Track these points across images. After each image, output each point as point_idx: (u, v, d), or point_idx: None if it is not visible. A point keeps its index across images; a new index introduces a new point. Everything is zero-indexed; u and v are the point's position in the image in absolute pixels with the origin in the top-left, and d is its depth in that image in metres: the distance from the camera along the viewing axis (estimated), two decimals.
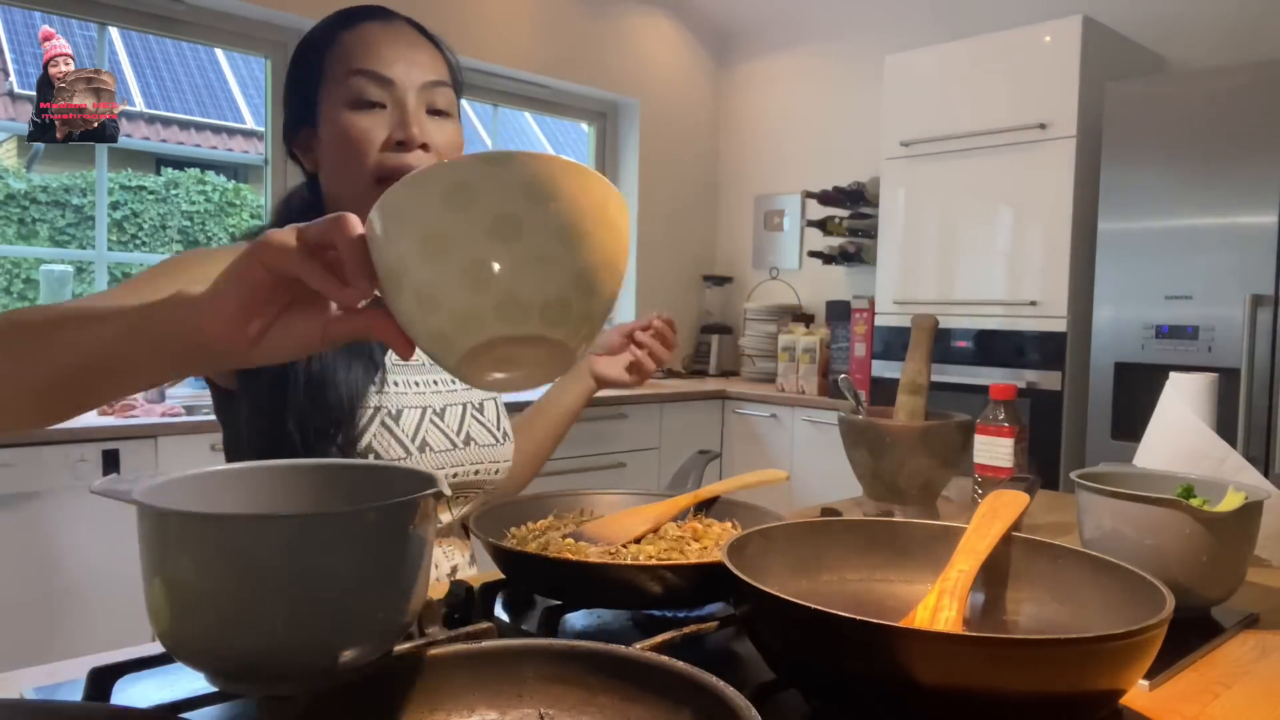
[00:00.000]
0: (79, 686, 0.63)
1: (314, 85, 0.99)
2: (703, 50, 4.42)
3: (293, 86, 1.03)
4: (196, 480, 0.69)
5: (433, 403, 1.04)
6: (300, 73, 1.02)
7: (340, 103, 0.96)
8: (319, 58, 0.99)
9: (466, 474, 1.06)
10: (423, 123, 0.97)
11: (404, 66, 0.97)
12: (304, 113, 1.01)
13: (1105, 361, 2.62)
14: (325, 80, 0.98)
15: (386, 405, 0.99)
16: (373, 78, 0.96)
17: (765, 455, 3.50)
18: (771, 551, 0.76)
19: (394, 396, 1.01)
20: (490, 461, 1.09)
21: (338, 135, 0.96)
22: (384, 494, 0.62)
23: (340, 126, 0.96)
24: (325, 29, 1.01)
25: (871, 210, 3.58)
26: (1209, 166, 2.42)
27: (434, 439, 1.02)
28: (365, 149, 0.95)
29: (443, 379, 1.08)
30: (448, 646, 0.53)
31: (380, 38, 0.98)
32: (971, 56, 2.98)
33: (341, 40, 0.98)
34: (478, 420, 1.09)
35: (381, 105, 0.96)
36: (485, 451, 1.08)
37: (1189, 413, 1.14)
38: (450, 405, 1.06)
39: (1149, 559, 0.79)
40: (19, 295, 5.62)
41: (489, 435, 1.09)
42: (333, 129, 0.97)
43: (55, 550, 2.23)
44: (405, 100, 0.96)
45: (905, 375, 1.31)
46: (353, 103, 0.96)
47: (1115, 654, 0.55)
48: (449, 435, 1.04)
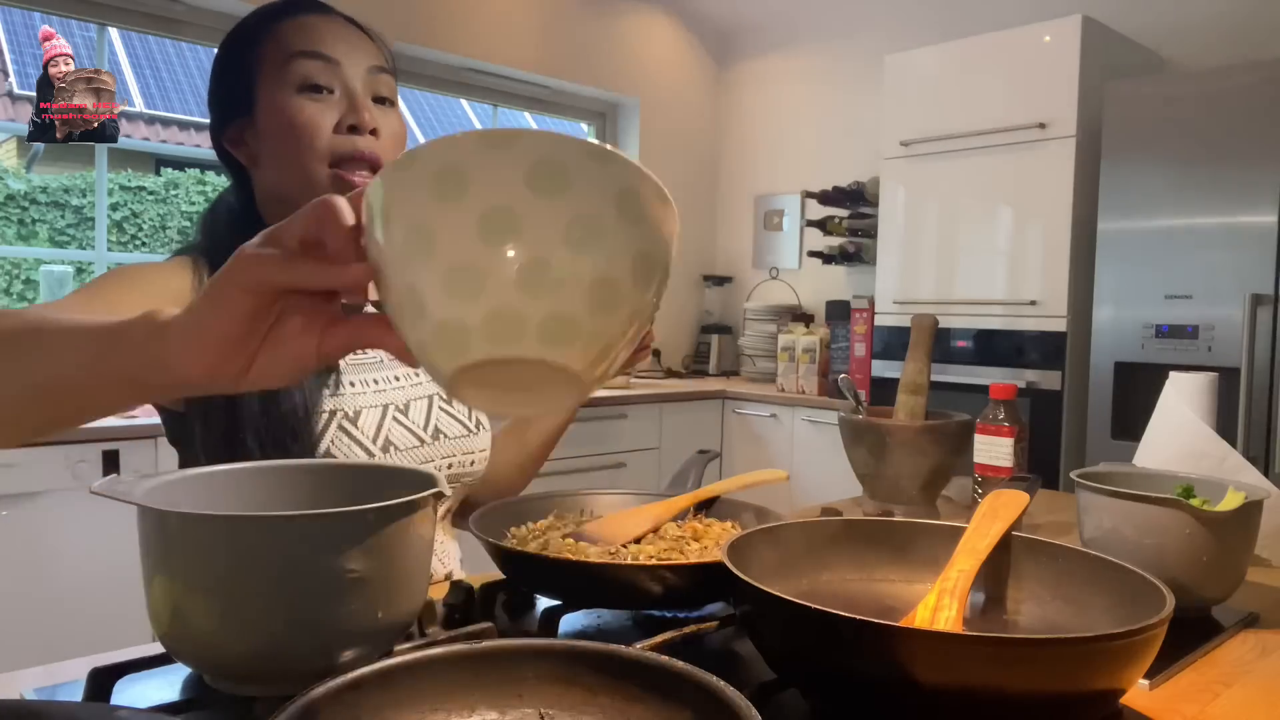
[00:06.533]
0: (79, 687, 0.63)
1: (249, 75, 0.95)
2: (703, 50, 4.42)
3: (222, 78, 0.99)
4: (196, 480, 0.69)
5: (394, 399, 1.00)
6: (232, 63, 0.98)
7: (284, 87, 0.93)
8: (254, 48, 0.96)
9: (440, 469, 1.01)
10: (370, 108, 0.95)
11: (347, 49, 0.95)
12: (237, 104, 0.96)
13: (1105, 361, 2.62)
14: (264, 67, 0.95)
15: (343, 408, 0.95)
16: (319, 58, 0.93)
17: (765, 455, 3.50)
18: (771, 551, 0.76)
19: (350, 398, 0.96)
20: (464, 454, 1.04)
21: (283, 122, 0.92)
22: (384, 494, 0.62)
23: (287, 113, 0.92)
24: (260, 20, 0.97)
25: (871, 210, 3.58)
26: (1209, 166, 2.42)
27: (398, 437, 0.98)
28: (315, 133, 0.92)
29: (404, 373, 1.03)
30: (448, 646, 0.53)
31: (320, 25, 0.96)
32: (971, 56, 2.98)
33: (279, 30, 0.95)
34: (445, 412, 1.04)
35: (330, 90, 0.94)
36: (456, 444, 1.04)
37: (1189, 412, 1.14)
38: (414, 400, 1.02)
39: (1149, 559, 0.79)
40: (19, 296, 5.62)
41: (459, 427, 1.05)
42: (277, 117, 0.93)
43: (55, 550, 2.23)
44: (352, 85, 0.95)
45: (905, 375, 1.31)
46: (299, 87, 0.93)
47: (1115, 654, 0.55)
48: (414, 432, 1.00)
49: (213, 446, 0.91)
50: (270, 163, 0.96)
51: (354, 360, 1.00)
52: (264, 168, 0.97)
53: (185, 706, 0.61)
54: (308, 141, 0.92)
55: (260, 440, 0.90)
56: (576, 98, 4.10)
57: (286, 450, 0.90)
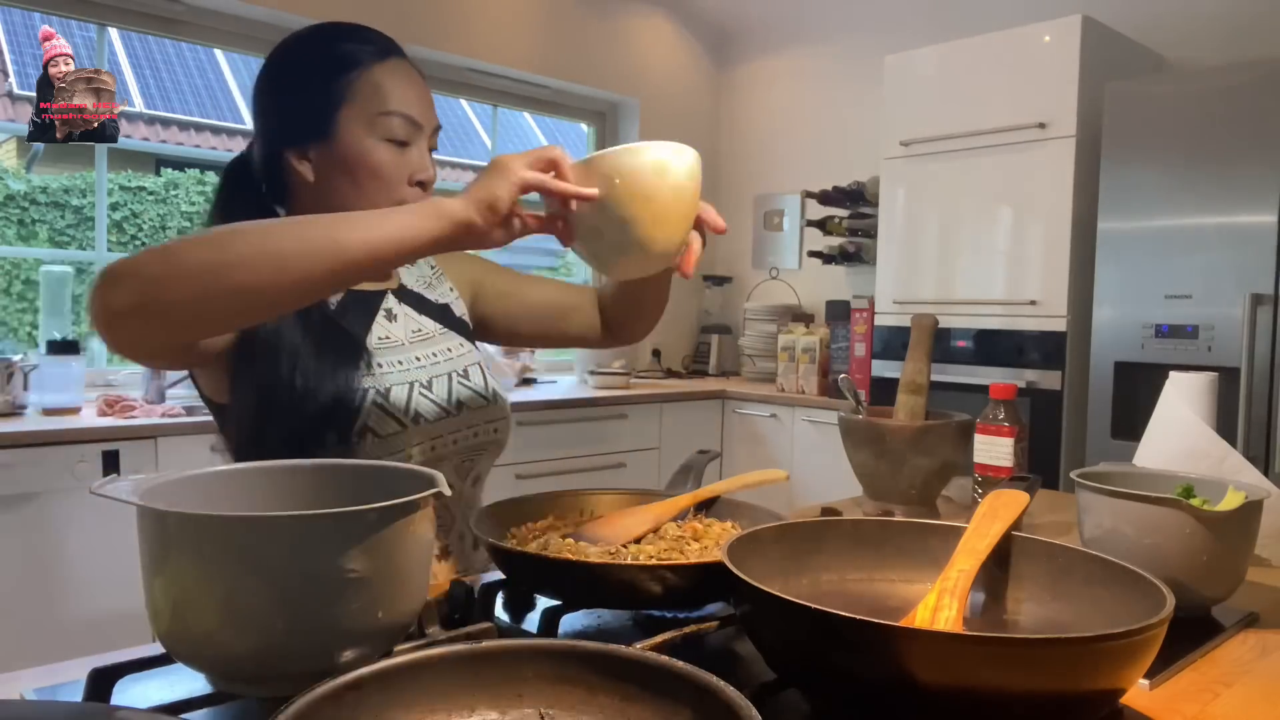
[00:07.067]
0: (79, 687, 0.63)
1: (334, 103, 1.03)
2: (702, 50, 4.42)
3: (302, 98, 1.04)
4: (196, 480, 0.69)
5: (418, 377, 1.08)
6: (316, 85, 1.03)
7: (372, 133, 1.03)
8: (341, 77, 1.03)
9: (465, 438, 1.10)
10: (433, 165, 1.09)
11: (425, 111, 1.07)
12: (315, 127, 1.03)
13: (1105, 361, 2.62)
14: (353, 106, 1.03)
15: (376, 385, 1.03)
16: (408, 120, 1.04)
17: (765, 455, 3.50)
18: (772, 551, 0.76)
19: (381, 376, 1.05)
20: (485, 423, 1.13)
21: (368, 165, 1.03)
22: (384, 494, 0.62)
23: (372, 159, 1.03)
24: (352, 53, 1.04)
25: (871, 210, 3.58)
26: (1209, 166, 2.42)
27: (426, 409, 1.06)
28: (395, 184, 1.04)
29: (425, 355, 1.11)
30: (448, 646, 0.53)
31: (409, 78, 1.06)
32: (971, 56, 2.98)
33: (374, 75, 1.04)
34: (465, 386, 1.13)
35: (406, 143, 1.05)
36: (477, 414, 1.12)
37: (1189, 412, 1.14)
38: (435, 377, 1.10)
39: (1149, 558, 0.79)
40: (19, 296, 5.62)
41: (478, 398, 1.13)
42: (362, 158, 1.03)
43: (55, 550, 2.23)
44: (426, 146, 1.07)
45: (905, 375, 1.31)
46: (386, 138, 1.03)
47: (1115, 653, 0.55)
48: (440, 404, 1.08)
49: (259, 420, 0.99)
50: (337, 188, 1.04)
51: (381, 344, 1.08)
52: (327, 189, 1.05)
53: (185, 706, 0.61)
54: (384, 188, 1.04)
55: (302, 421, 0.98)
56: (576, 98, 4.10)
57: (325, 427, 0.99)
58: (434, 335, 1.14)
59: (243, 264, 0.75)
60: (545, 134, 8.64)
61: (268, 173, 1.07)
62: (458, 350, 1.15)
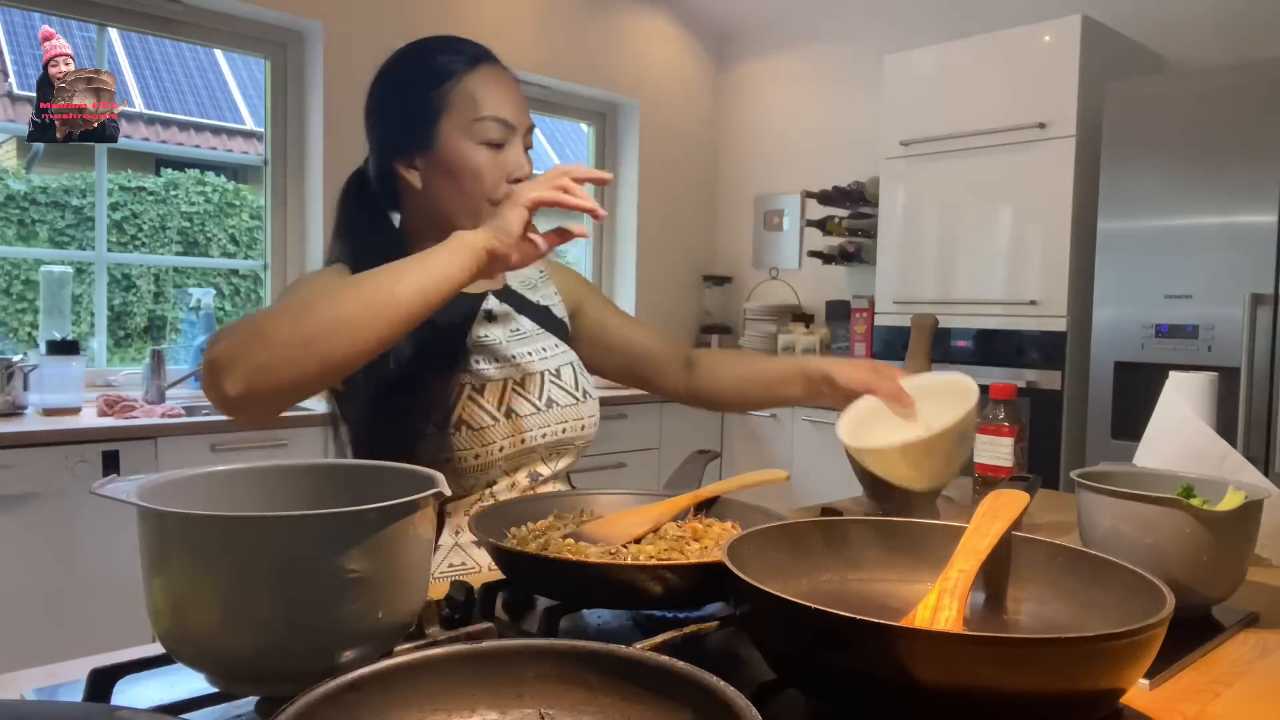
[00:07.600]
0: (79, 687, 0.63)
1: (434, 114, 1.10)
2: (702, 50, 4.42)
3: (404, 112, 1.12)
4: (196, 480, 0.69)
5: (512, 375, 1.15)
6: (418, 100, 1.11)
7: (469, 137, 1.10)
8: (438, 87, 1.10)
9: (555, 434, 1.17)
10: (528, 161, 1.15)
11: (519, 112, 1.13)
12: (419, 138, 1.11)
13: (1105, 361, 2.62)
14: (451, 114, 1.10)
15: (471, 380, 1.12)
16: (502, 124, 1.11)
17: (765, 455, 3.50)
18: (772, 551, 0.76)
19: (478, 373, 1.13)
20: (575, 420, 1.20)
21: (468, 168, 1.10)
22: (384, 494, 0.62)
23: (471, 161, 1.10)
24: (446, 65, 1.12)
25: (871, 210, 3.58)
26: (1209, 166, 2.42)
27: (519, 406, 1.14)
28: (494, 184, 1.11)
29: (519, 354, 1.17)
30: (448, 646, 0.53)
31: (499, 82, 1.13)
32: (971, 56, 2.98)
33: (468, 82, 1.11)
34: (557, 385, 1.19)
35: (501, 145, 1.11)
36: (568, 411, 1.19)
37: (1189, 412, 1.14)
38: (529, 375, 1.17)
39: (1149, 558, 0.79)
40: (19, 296, 5.62)
41: (568, 396, 1.20)
42: (461, 161, 1.10)
43: (55, 550, 2.23)
44: (520, 143, 1.13)
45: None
46: (481, 141, 1.10)
47: (1115, 653, 0.55)
48: (532, 401, 1.15)
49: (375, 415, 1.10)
50: (443, 192, 1.12)
51: (479, 341, 1.15)
52: (434, 193, 1.13)
53: (185, 706, 0.61)
54: (486, 188, 1.11)
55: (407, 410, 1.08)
56: (576, 98, 4.10)
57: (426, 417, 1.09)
58: (530, 335, 1.21)
59: (322, 336, 0.84)
60: (545, 134, 8.64)
61: (381, 183, 1.16)
62: (552, 350, 1.21)
